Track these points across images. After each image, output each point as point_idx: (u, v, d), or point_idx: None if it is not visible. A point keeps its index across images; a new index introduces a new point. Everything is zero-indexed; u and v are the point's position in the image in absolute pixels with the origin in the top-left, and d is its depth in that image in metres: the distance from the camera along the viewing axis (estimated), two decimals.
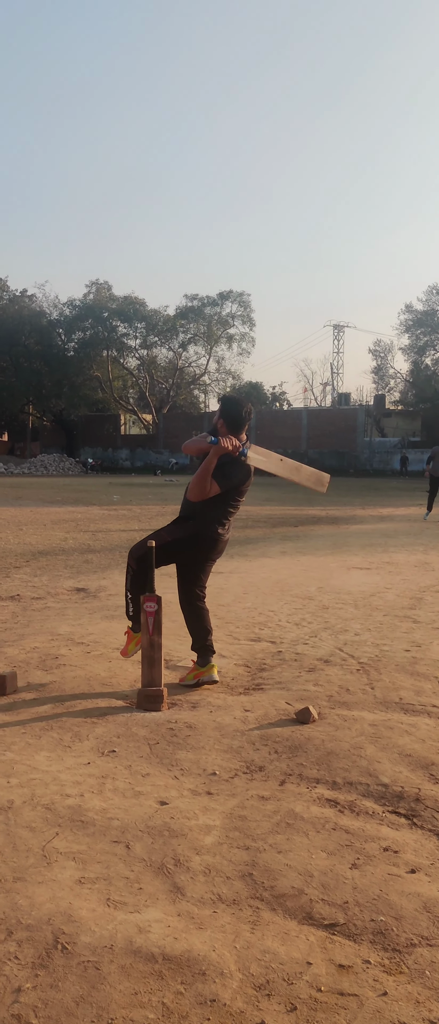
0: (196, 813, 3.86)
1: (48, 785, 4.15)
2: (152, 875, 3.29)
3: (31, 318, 71.04)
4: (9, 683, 5.69)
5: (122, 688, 5.89)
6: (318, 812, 3.91)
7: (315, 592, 10.01)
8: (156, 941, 2.82)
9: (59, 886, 3.18)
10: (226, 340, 69.03)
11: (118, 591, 10.00)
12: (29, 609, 8.87)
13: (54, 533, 17.22)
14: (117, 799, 4.00)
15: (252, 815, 3.86)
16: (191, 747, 4.72)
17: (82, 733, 4.92)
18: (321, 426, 66.62)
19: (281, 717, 5.25)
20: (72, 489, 37.06)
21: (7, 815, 3.80)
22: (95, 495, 32.20)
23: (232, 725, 5.09)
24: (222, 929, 2.92)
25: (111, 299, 69.36)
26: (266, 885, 3.23)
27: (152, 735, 4.89)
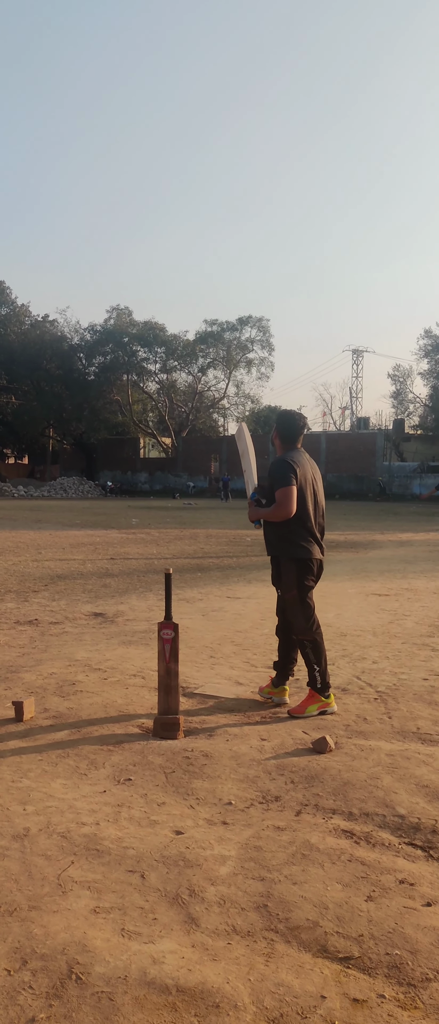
0: (211, 843, 3.86)
1: (64, 813, 4.16)
2: (167, 905, 3.29)
3: (52, 343, 71.52)
4: (26, 709, 5.71)
5: (139, 715, 5.89)
6: (334, 843, 3.89)
7: (333, 619, 9.97)
8: (170, 972, 2.82)
9: (74, 915, 3.18)
10: (245, 364, 69.20)
11: (135, 616, 10.02)
12: (47, 634, 8.90)
13: (73, 557, 17.28)
14: (132, 828, 4.01)
15: (267, 846, 3.85)
16: (207, 776, 4.72)
17: (98, 761, 4.93)
18: (340, 450, 66.52)
19: (298, 746, 5.24)
20: (91, 512, 37.16)
21: (23, 843, 3.82)
22: (114, 518, 32.27)
23: (248, 754, 5.08)
24: (236, 961, 2.92)
25: (132, 324, 69.73)
26: (281, 917, 3.23)
27: (168, 763, 4.90)
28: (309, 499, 5.95)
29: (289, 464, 5.91)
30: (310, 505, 5.96)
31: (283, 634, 6.30)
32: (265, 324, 67.38)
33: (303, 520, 5.90)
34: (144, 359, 69.62)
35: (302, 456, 6.06)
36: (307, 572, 6.02)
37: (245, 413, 74.24)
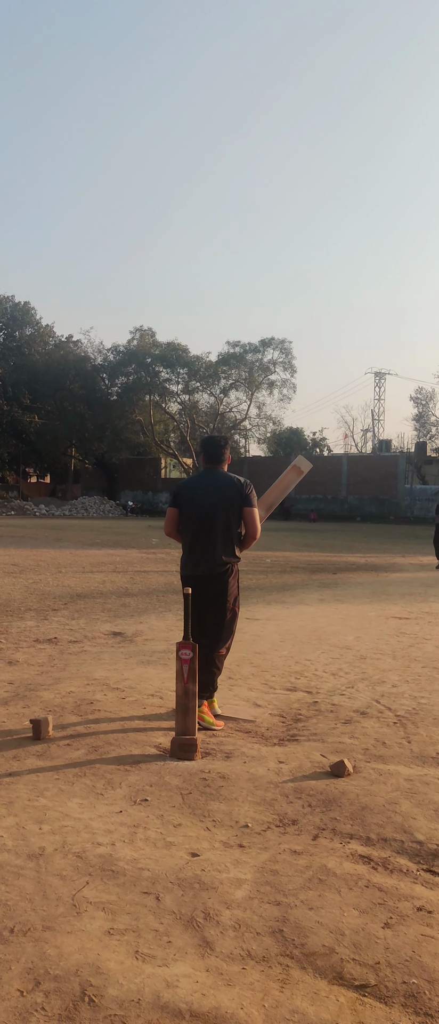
0: (227, 866, 3.83)
1: (80, 833, 4.14)
2: (181, 928, 3.27)
3: (76, 363, 71.88)
4: (43, 728, 5.70)
5: (156, 736, 5.87)
6: (351, 868, 3.85)
7: (353, 642, 9.93)
8: (184, 996, 2.80)
9: (88, 936, 3.16)
10: (267, 386, 69.15)
11: (154, 636, 10.02)
12: (65, 652, 8.91)
13: (93, 576, 17.31)
14: (148, 849, 3.99)
15: (284, 870, 3.82)
16: (224, 798, 4.69)
17: (115, 780, 4.92)
18: (361, 472, 66.31)
19: (316, 769, 5.20)
20: (112, 532, 37.26)
21: (38, 862, 3.80)
22: (134, 538, 32.33)
23: (266, 776, 5.05)
24: (251, 987, 2.89)
25: (154, 345, 69.87)
26: (297, 942, 3.19)
27: (185, 785, 4.87)
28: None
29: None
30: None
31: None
32: (287, 346, 67.31)
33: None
34: (166, 380, 69.75)
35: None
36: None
37: (266, 435, 74.24)
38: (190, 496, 6.39)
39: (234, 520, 6.25)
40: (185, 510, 6.36)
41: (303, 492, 66.66)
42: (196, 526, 6.28)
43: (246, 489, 6.28)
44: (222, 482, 6.32)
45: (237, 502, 6.24)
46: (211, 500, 6.25)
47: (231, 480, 6.33)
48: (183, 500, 6.40)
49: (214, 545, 6.20)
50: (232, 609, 6.33)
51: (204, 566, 6.22)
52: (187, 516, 6.36)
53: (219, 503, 6.22)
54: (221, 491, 6.26)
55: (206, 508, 6.24)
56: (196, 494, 6.36)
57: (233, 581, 6.32)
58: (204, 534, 6.23)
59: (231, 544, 6.27)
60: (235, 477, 6.35)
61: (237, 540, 6.32)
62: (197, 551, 6.26)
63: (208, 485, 6.35)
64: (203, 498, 6.29)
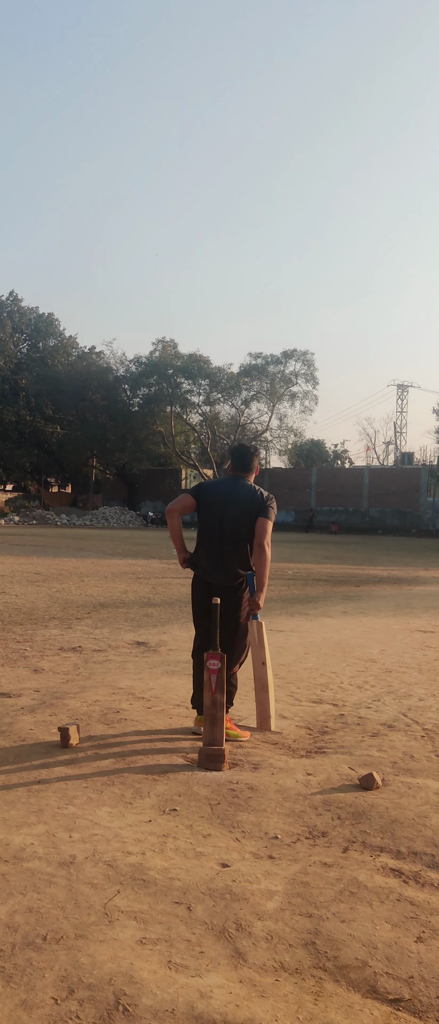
0: (258, 877, 3.82)
1: (110, 841, 4.15)
2: (213, 939, 3.26)
3: (98, 374, 72.17)
4: (71, 736, 5.71)
5: (183, 746, 5.87)
6: (382, 882, 3.83)
7: (378, 654, 9.89)
8: (218, 1007, 2.79)
9: (120, 945, 3.16)
10: (289, 398, 69.04)
11: (178, 646, 10.02)
12: (90, 661, 8.93)
13: (115, 585, 17.35)
14: (178, 859, 3.98)
15: (315, 882, 3.80)
16: (253, 809, 4.68)
17: (143, 790, 4.92)
18: (383, 485, 66.12)
19: (344, 782, 5.18)
20: (132, 542, 37.31)
21: (69, 870, 3.81)
22: (155, 548, 32.35)
23: (294, 788, 5.03)
24: (284, 999, 2.87)
25: (176, 356, 69.96)
26: (329, 955, 3.17)
27: (213, 795, 4.86)
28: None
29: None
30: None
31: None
32: (310, 358, 67.16)
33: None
34: (188, 391, 69.82)
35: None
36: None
37: (287, 446, 74.15)
38: (211, 497, 6.30)
39: (249, 532, 6.12)
40: (203, 509, 6.26)
41: (324, 504, 66.59)
42: (211, 530, 6.18)
43: (266, 501, 6.16)
44: (244, 492, 6.23)
45: (254, 512, 6.12)
46: (230, 508, 6.16)
47: (253, 491, 6.24)
48: (203, 498, 6.31)
49: (229, 556, 6.13)
50: (245, 624, 6.23)
51: (219, 577, 6.15)
52: (203, 517, 6.27)
53: (238, 513, 6.14)
54: (242, 501, 6.17)
55: (223, 514, 6.16)
56: (217, 498, 6.26)
57: (247, 595, 6.24)
58: (218, 541, 6.15)
59: (246, 557, 6.17)
60: (258, 489, 6.26)
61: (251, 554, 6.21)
62: (212, 558, 6.18)
63: (230, 491, 6.25)
64: (223, 504, 6.19)
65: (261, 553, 6.04)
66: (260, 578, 6.07)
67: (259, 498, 6.17)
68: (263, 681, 6.14)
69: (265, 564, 6.04)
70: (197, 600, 6.34)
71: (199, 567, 6.29)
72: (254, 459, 6.50)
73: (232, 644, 6.04)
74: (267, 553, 6.05)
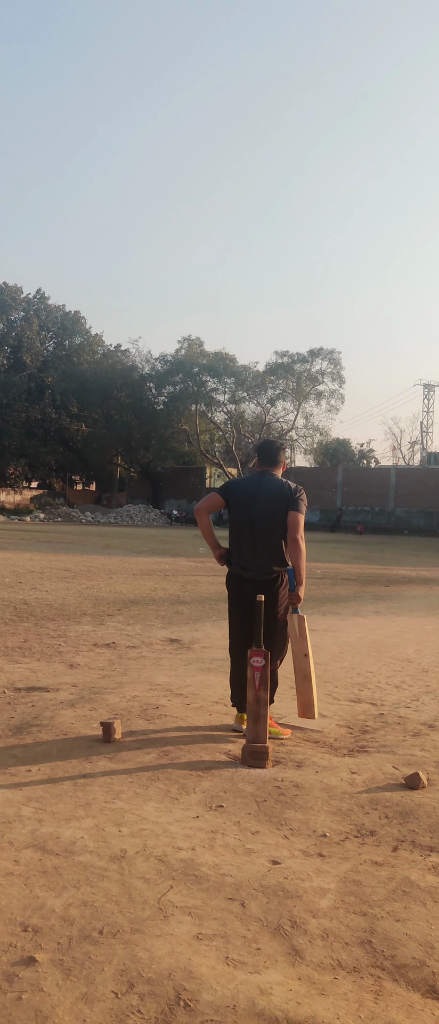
0: (309, 875, 3.80)
1: (159, 836, 4.14)
2: (269, 936, 3.24)
3: (124, 372, 72.27)
4: (113, 731, 5.71)
5: (224, 743, 5.85)
6: (434, 881, 3.80)
7: (413, 654, 9.83)
8: (279, 1004, 2.77)
9: (177, 941, 3.15)
10: (315, 397, 68.79)
11: (211, 643, 10.00)
12: (125, 657, 8.94)
13: (143, 583, 17.37)
14: (228, 855, 3.97)
15: (367, 880, 3.77)
16: (299, 807, 4.65)
17: (188, 786, 4.91)
18: (409, 485, 65.74)
19: (389, 781, 5.14)
20: (158, 540, 37.35)
21: (121, 865, 3.80)
22: (181, 546, 32.37)
23: (339, 787, 5.00)
24: (345, 997, 2.85)
25: (202, 355, 69.85)
26: (386, 954, 3.15)
27: (259, 792, 4.84)
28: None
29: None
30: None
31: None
32: (336, 356, 66.83)
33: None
34: (213, 389, 69.72)
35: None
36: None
37: (313, 445, 73.90)
38: (240, 495, 6.27)
39: (280, 525, 6.07)
40: (232, 508, 6.25)
41: (350, 504, 66.36)
42: (243, 527, 6.17)
43: (295, 493, 6.11)
44: (272, 486, 6.20)
45: (284, 506, 6.07)
46: (259, 503, 6.13)
47: (281, 484, 6.20)
48: (231, 496, 6.30)
49: (262, 551, 6.10)
50: (283, 619, 6.19)
51: (254, 571, 6.12)
52: (234, 515, 6.25)
53: (267, 507, 6.10)
54: (270, 495, 6.14)
55: (252, 510, 6.13)
56: (245, 495, 6.23)
57: (284, 590, 6.18)
58: (250, 537, 6.13)
59: (280, 551, 6.12)
60: (286, 482, 6.22)
61: (285, 548, 6.16)
62: (245, 554, 6.16)
63: (258, 487, 6.22)
64: (252, 500, 6.16)
65: (295, 547, 5.99)
66: (298, 572, 6.03)
67: (288, 491, 6.13)
68: (305, 672, 6.10)
69: (301, 557, 6.00)
70: (232, 597, 6.33)
71: (233, 564, 6.28)
72: (280, 453, 6.47)
73: (271, 640, 6.00)
74: (301, 546, 6.00)
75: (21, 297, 72.98)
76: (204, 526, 6.42)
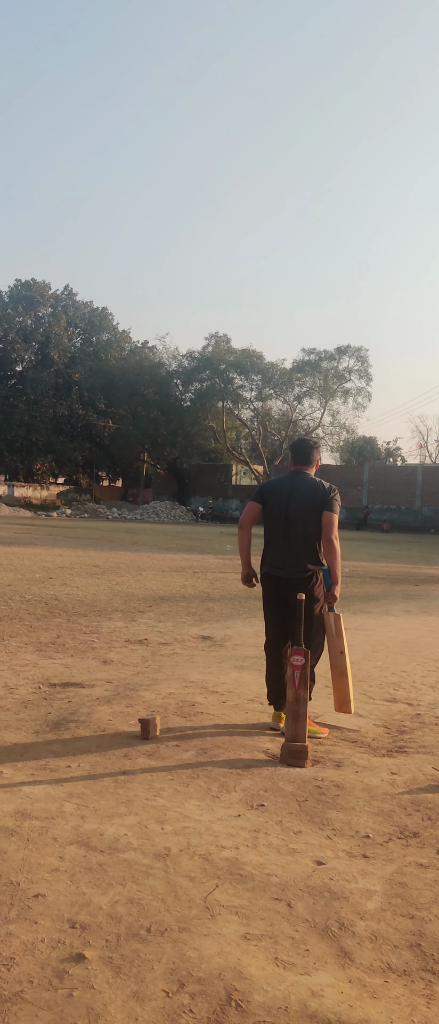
0: (355, 876, 3.77)
1: (202, 835, 4.13)
2: (317, 937, 3.22)
3: (151, 369, 72.42)
4: (151, 728, 5.71)
5: (263, 741, 5.84)
6: None
7: None
8: (331, 1007, 2.75)
9: (225, 940, 3.13)
10: (342, 394, 68.53)
11: (243, 641, 9.98)
12: (158, 654, 8.94)
13: (173, 579, 17.37)
14: (272, 855, 3.95)
15: (413, 883, 3.74)
16: (341, 807, 4.62)
17: (229, 784, 4.89)
18: (436, 483, 65.37)
19: (430, 783, 5.10)
20: (185, 537, 37.37)
21: (165, 862, 3.79)
22: (208, 543, 32.34)
23: (380, 787, 4.97)
24: (397, 1000, 2.82)
25: (229, 352, 69.78)
26: (436, 958, 3.11)
27: (300, 792, 4.82)
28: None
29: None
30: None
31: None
32: (364, 354, 66.53)
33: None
34: (240, 386, 69.61)
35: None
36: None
37: (340, 443, 73.63)
38: (274, 495, 6.30)
39: (315, 525, 6.09)
40: (268, 509, 6.28)
41: (376, 502, 66.08)
42: (277, 526, 6.19)
43: (330, 493, 6.13)
44: (307, 485, 6.21)
45: (318, 506, 6.09)
46: (294, 502, 6.15)
47: (315, 484, 6.21)
48: (267, 498, 6.32)
49: (297, 549, 6.10)
50: (319, 617, 6.18)
51: (289, 570, 6.12)
52: (269, 515, 6.28)
53: (300, 506, 6.12)
54: (303, 494, 6.15)
55: (287, 509, 6.15)
56: (280, 495, 6.25)
57: (319, 589, 6.16)
58: (285, 536, 6.14)
59: (314, 550, 6.12)
60: (320, 481, 6.23)
61: (320, 547, 6.17)
62: (280, 553, 6.17)
63: (293, 486, 6.23)
64: (287, 499, 6.19)
65: (330, 548, 6.03)
66: (333, 572, 6.02)
67: (322, 490, 6.14)
68: (342, 668, 6.08)
69: (336, 557, 6.02)
70: (267, 595, 6.32)
71: (268, 564, 6.27)
72: (314, 452, 6.47)
73: (308, 638, 5.97)
74: (336, 547, 6.03)
75: (49, 293, 73.28)
76: (242, 540, 6.47)
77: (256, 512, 6.35)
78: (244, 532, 6.41)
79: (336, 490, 6.20)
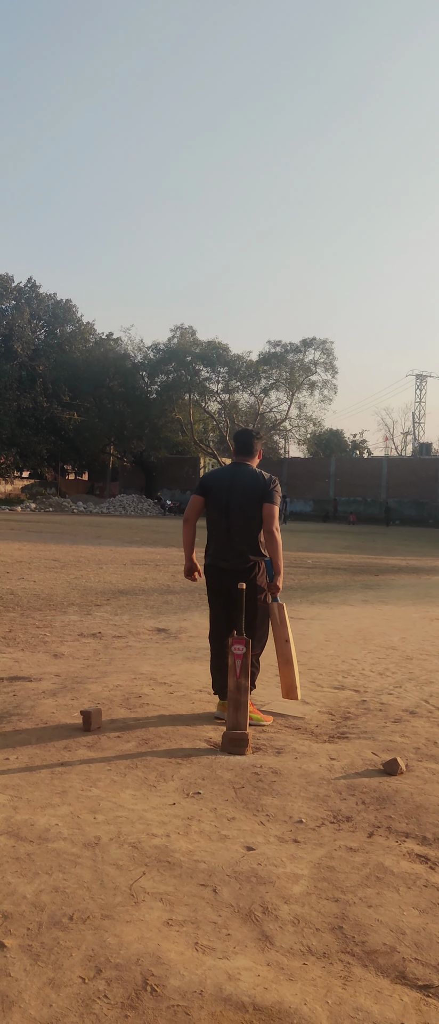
0: (283, 861, 3.80)
1: (134, 824, 4.13)
2: (240, 921, 3.24)
3: (116, 361, 72.07)
4: (94, 719, 5.71)
5: (206, 730, 5.85)
6: (408, 867, 3.80)
7: (398, 642, 9.84)
8: (246, 990, 2.77)
9: (147, 926, 3.15)
10: (308, 387, 68.65)
11: (199, 632, 10.00)
12: (110, 647, 8.93)
13: (134, 573, 17.35)
14: (203, 842, 3.96)
15: (340, 866, 3.77)
16: (277, 793, 4.66)
17: (167, 773, 4.90)
18: (401, 475, 65.89)
19: (367, 767, 5.15)
20: (150, 530, 37.33)
21: (94, 851, 3.80)
22: (173, 536, 32.30)
23: (318, 773, 5.01)
24: (313, 982, 2.85)
25: (195, 343, 69.65)
26: (357, 940, 3.15)
27: (237, 779, 4.85)
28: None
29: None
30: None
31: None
32: (329, 346, 66.68)
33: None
34: (206, 379, 69.51)
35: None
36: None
37: (307, 436, 73.83)
38: (215, 487, 6.30)
39: (256, 516, 6.11)
40: (210, 501, 6.29)
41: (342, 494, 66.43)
42: (219, 518, 6.20)
43: (270, 485, 6.14)
44: (248, 477, 6.21)
45: (258, 497, 6.10)
46: (235, 494, 6.16)
47: (255, 475, 6.22)
48: (208, 490, 6.33)
49: (239, 541, 6.12)
50: (263, 606, 6.20)
51: (231, 561, 6.13)
52: (211, 507, 6.29)
53: (241, 497, 6.13)
54: (244, 485, 6.16)
55: (229, 501, 6.16)
56: (221, 486, 6.26)
57: (262, 578, 6.19)
58: (226, 527, 6.15)
59: (255, 541, 6.15)
60: (261, 472, 6.24)
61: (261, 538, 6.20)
62: (222, 545, 6.19)
63: (234, 478, 6.24)
64: (228, 491, 6.19)
65: (271, 539, 6.06)
66: (275, 563, 6.06)
67: (262, 482, 6.15)
68: (287, 657, 6.12)
69: (277, 548, 6.06)
70: (211, 587, 6.35)
71: (210, 555, 6.30)
72: (256, 443, 6.48)
73: (252, 627, 6.01)
74: (277, 538, 6.06)
75: (12, 286, 72.66)
76: (186, 534, 6.45)
77: (199, 505, 6.35)
78: (188, 526, 6.41)
79: (277, 481, 6.22)
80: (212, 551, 6.28)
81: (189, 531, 6.41)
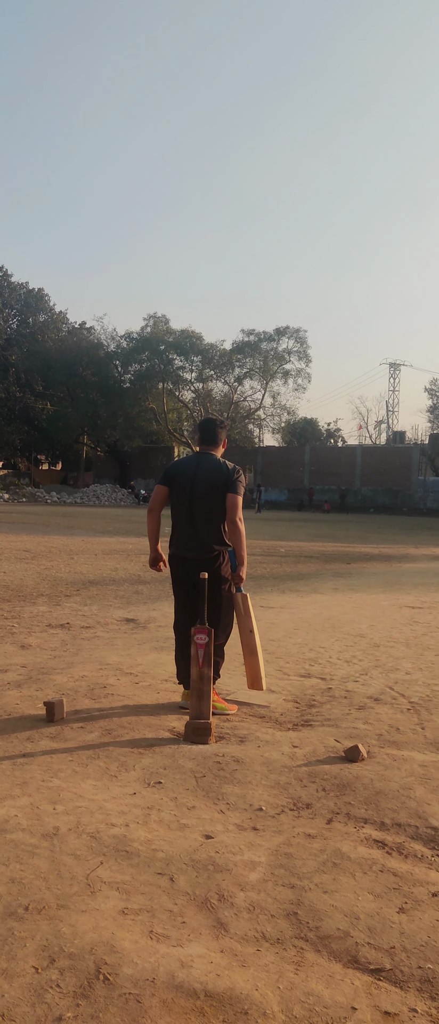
0: (241, 848, 3.82)
1: (94, 814, 4.14)
2: (195, 909, 3.26)
3: (89, 350, 71.90)
4: (57, 710, 5.70)
5: (170, 720, 5.87)
6: (365, 853, 3.83)
7: (366, 630, 9.90)
8: (198, 977, 2.79)
9: (102, 916, 3.16)
10: (282, 375, 68.82)
11: (167, 622, 9.98)
12: (78, 638, 8.91)
13: (105, 563, 17.32)
14: (162, 831, 3.98)
15: (298, 853, 3.80)
16: (238, 781, 4.68)
17: (129, 763, 4.91)
18: (375, 464, 66.21)
19: (330, 754, 5.19)
20: (124, 520, 37.29)
21: (52, 842, 3.80)
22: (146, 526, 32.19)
23: (280, 761, 5.03)
24: (265, 968, 2.87)
25: (168, 332, 69.61)
26: (311, 925, 3.17)
27: (199, 768, 4.86)
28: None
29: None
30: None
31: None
32: (302, 335, 66.88)
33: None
34: (180, 368, 69.55)
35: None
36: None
37: (281, 424, 74.06)
38: (178, 477, 6.29)
39: (219, 506, 6.10)
40: (173, 491, 6.27)
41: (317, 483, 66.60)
42: (183, 508, 6.20)
43: (234, 475, 6.12)
44: (210, 466, 6.20)
45: (221, 487, 6.09)
46: (198, 484, 6.15)
47: (219, 465, 6.20)
48: (172, 479, 6.31)
49: (202, 531, 6.12)
50: (227, 596, 6.22)
51: (195, 551, 6.13)
52: (175, 497, 6.28)
53: (204, 487, 6.12)
54: (208, 475, 6.15)
55: (192, 490, 6.15)
56: (185, 476, 6.25)
57: (226, 568, 6.19)
58: (190, 517, 6.15)
59: (219, 531, 6.15)
60: (224, 462, 6.22)
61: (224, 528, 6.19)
62: (186, 534, 6.19)
63: (197, 468, 6.23)
64: (191, 480, 6.18)
65: (234, 529, 6.05)
66: (239, 553, 6.07)
67: (226, 471, 6.14)
68: (252, 647, 6.15)
69: (240, 539, 6.05)
70: (175, 576, 6.35)
71: (174, 545, 6.30)
72: (220, 432, 6.47)
73: (216, 617, 6.03)
74: (240, 528, 6.06)
75: None
76: (150, 524, 6.47)
77: (163, 494, 6.35)
78: (152, 516, 6.41)
79: (240, 471, 6.22)
80: (176, 541, 6.28)
81: (153, 521, 6.40)
